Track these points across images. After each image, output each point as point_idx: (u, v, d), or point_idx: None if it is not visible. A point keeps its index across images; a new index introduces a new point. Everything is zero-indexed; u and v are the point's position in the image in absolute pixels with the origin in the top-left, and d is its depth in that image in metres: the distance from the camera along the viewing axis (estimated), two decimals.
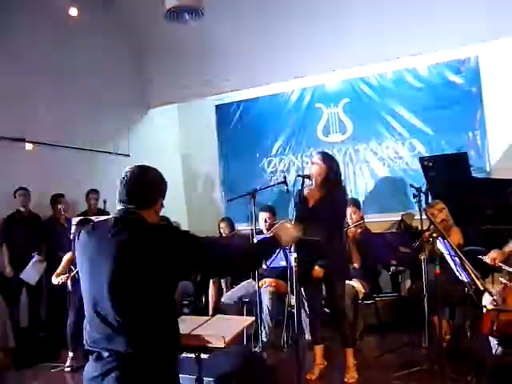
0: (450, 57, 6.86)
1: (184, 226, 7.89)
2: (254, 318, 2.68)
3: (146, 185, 2.08)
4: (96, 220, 4.53)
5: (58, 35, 6.48)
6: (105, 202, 6.28)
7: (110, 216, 2.15)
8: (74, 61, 6.59)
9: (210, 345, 2.47)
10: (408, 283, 5.71)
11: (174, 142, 8.79)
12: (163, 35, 7.36)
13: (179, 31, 6.86)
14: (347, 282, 4.53)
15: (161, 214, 2.19)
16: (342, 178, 4.16)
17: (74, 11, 6.10)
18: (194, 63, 7.63)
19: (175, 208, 7.30)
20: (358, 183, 7.49)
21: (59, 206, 5.90)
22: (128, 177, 2.07)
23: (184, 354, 2.52)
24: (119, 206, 2.06)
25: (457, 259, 3.31)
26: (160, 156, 7.80)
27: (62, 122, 6.51)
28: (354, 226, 4.70)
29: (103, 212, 6.10)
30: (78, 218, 5.27)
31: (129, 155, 7.40)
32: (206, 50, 7.48)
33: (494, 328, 3.25)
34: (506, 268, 3.44)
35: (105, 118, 7.19)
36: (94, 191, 6.49)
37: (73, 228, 5.09)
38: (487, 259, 3.60)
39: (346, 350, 3.86)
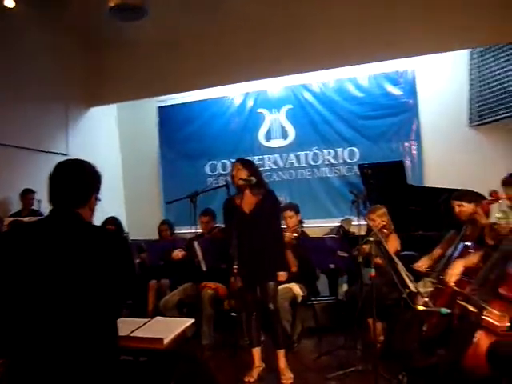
0: (389, 68, 7.12)
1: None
2: (193, 320, 2.66)
3: (78, 181, 1.94)
4: (27, 222, 4.38)
5: None
6: (39, 201, 6.08)
7: (44, 217, 2.04)
8: (10, 56, 6.34)
9: (149, 347, 2.45)
10: (345, 287, 5.84)
11: (114, 141, 8.62)
12: (107, 33, 7.21)
13: (124, 29, 6.76)
14: (286, 285, 4.62)
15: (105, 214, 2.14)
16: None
17: (9, 2, 5.77)
18: (139, 63, 7.53)
19: (114, 209, 7.14)
20: (298, 189, 7.60)
21: None
22: (58, 173, 1.94)
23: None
24: (52, 206, 1.93)
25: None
26: (100, 157, 7.61)
27: None
28: (291, 231, 4.76)
29: (37, 212, 5.90)
30: (10, 219, 5.08)
31: (66, 154, 7.18)
32: (151, 50, 7.41)
33: (425, 329, 3.40)
34: (431, 273, 3.66)
35: (42, 115, 6.95)
36: (30, 191, 6.26)
37: (4, 229, 4.92)
38: (417, 267, 3.81)
39: (278, 351, 3.91)
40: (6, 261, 1.84)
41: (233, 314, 4.53)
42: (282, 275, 3.89)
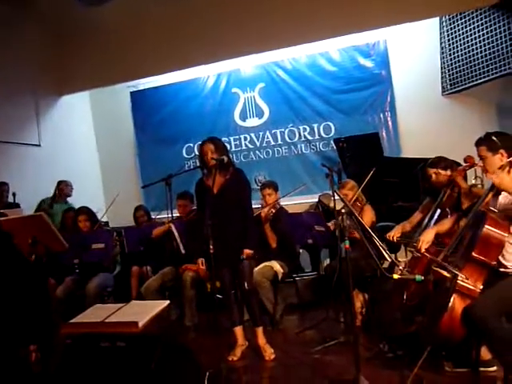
0: (360, 41, 7.08)
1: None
2: (168, 302, 2.65)
3: None
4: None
5: None
6: (14, 194, 5.99)
7: None
8: None
9: (125, 331, 2.43)
10: (328, 261, 5.86)
11: (88, 130, 8.49)
12: (75, 19, 7.07)
13: (92, 15, 6.65)
14: (267, 263, 4.63)
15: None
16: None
17: None
18: (108, 49, 7.39)
19: (93, 197, 7.07)
20: (276, 167, 7.59)
21: None
22: None
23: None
24: None
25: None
26: (75, 145, 7.53)
27: None
28: (269, 208, 4.74)
29: (13, 205, 5.81)
30: None
31: (39, 145, 7.05)
32: (120, 35, 7.27)
33: (405, 297, 3.44)
34: (402, 241, 3.67)
35: (11, 106, 6.79)
36: (3, 183, 6.16)
37: None
38: (388, 236, 3.82)
39: (256, 329, 3.92)
40: None
41: (219, 296, 4.52)
42: (247, 253, 3.80)
